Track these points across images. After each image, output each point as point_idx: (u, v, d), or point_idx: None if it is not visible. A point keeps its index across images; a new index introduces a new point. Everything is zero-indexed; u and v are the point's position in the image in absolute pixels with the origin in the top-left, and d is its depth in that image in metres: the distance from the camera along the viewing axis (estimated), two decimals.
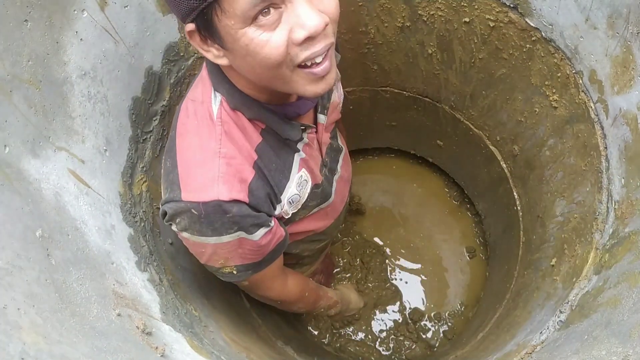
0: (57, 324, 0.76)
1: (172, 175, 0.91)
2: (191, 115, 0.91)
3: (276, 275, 1.15)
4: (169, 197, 0.92)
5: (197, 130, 0.90)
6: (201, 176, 0.88)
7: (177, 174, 0.90)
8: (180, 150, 0.91)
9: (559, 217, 1.52)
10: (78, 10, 0.99)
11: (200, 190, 0.88)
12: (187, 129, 0.91)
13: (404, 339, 2.35)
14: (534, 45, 1.35)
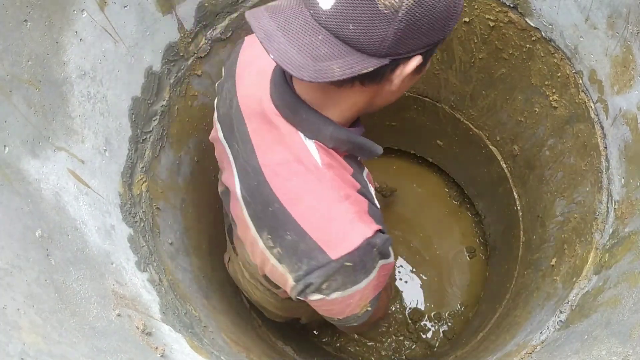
0: (57, 324, 0.76)
1: (303, 245, 0.86)
2: (292, 179, 0.86)
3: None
4: (311, 266, 0.86)
5: (309, 188, 0.85)
6: (339, 227, 0.85)
7: (312, 240, 0.85)
8: (301, 216, 0.85)
9: (559, 217, 1.52)
10: (78, 10, 0.99)
11: (346, 240, 0.84)
12: (296, 194, 0.86)
13: (404, 339, 2.35)
14: (533, 45, 1.35)
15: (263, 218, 0.90)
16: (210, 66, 1.47)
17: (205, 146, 1.58)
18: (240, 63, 0.99)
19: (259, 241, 0.93)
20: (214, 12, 1.38)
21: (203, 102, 1.51)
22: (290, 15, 0.74)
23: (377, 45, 0.72)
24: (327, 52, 0.72)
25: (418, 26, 0.72)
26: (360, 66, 0.73)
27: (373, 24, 0.70)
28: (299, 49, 0.72)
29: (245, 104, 0.94)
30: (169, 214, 1.35)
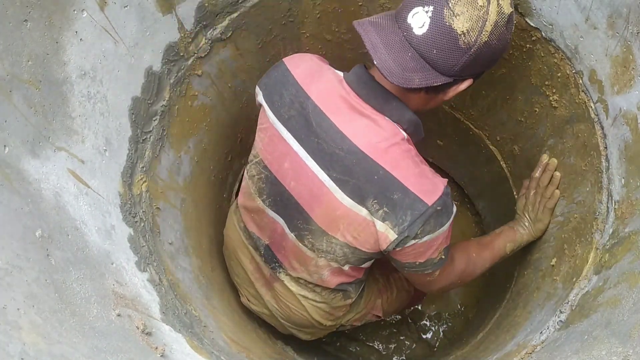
0: (57, 324, 0.76)
1: (407, 199, 1.09)
2: (389, 150, 1.10)
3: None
4: (414, 215, 1.09)
5: (403, 156, 1.11)
6: (429, 180, 1.11)
7: (413, 193, 1.09)
8: (403, 176, 1.09)
9: (559, 217, 1.52)
10: (78, 10, 0.99)
11: (435, 188, 1.10)
12: (395, 160, 1.10)
13: (404, 339, 2.35)
14: (533, 45, 1.35)
15: (367, 188, 1.11)
16: (211, 66, 1.47)
17: (205, 146, 1.58)
18: (299, 75, 1.20)
19: (361, 210, 1.13)
20: (214, 12, 1.38)
21: (203, 102, 1.51)
22: (389, 32, 1.03)
23: (449, 68, 1.02)
24: (413, 66, 1.02)
25: (481, 59, 1.03)
26: (433, 80, 1.03)
27: (451, 53, 1.00)
28: (394, 60, 1.01)
29: (324, 102, 1.14)
30: (169, 214, 1.36)
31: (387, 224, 1.11)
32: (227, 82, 1.59)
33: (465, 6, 0.97)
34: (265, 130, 1.25)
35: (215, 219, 1.73)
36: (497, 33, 1.00)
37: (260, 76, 1.69)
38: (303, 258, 1.32)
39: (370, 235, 1.15)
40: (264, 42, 1.58)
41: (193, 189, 1.52)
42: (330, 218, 1.19)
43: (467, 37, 0.98)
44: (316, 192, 1.17)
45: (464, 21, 0.97)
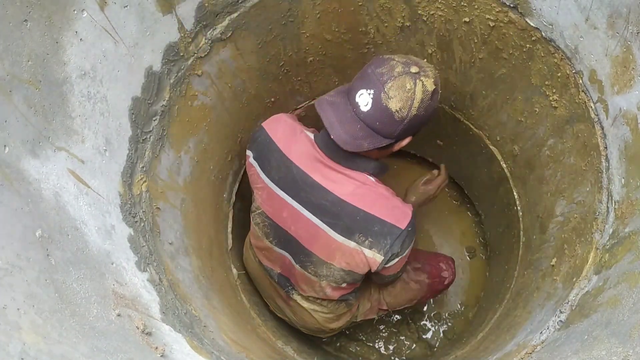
0: (57, 324, 0.76)
1: (385, 228, 1.38)
2: (365, 194, 1.40)
3: None
4: (392, 238, 1.39)
5: (375, 196, 1.41)
6: (400, 210, 1.41)
7: (389, 223, 1.38)
8: (379, 212, 1.38)
9: (559, 217, 1.52)
10: (78, 10, 0.99)
11: (405, 215, 1.40)
12: (371, 201, 1.40)
13: (404, 339, 2.35)
14: (534, 45, 1.35)
15: (353, 226, 1.39)
16: (210, 66, 1.47)
17: (205, 146, 1.58)
18: (280, 141, 1.47)
19: (350, 243, 1.41)
20: (214, 12, 1.38)
21: (203, 102, 1.51)
22: (342, 110, 1.34)
23: (390, 133, 1.33)
24: (362, 134, 1.32)
25: (414, 125, 1.33)
26: (379, 143, 1.34)
27: (390, 124, 1.31)
28: (346, 133, 1.32)
29: (304, 165, 1.43)
30: (169, 213, 1.36)
31: (373, 250, 1.40)
32: (227, 82, 1.59)
33: (397, 90, 1.27)
34: (262, 189, 1.52)
35: (215, 218, 1.73)
36: (423, 106, 1.30)
37: (260, 76, 1.70)
38: (309, 281, 1.60)
39: (361, 261, 1.44)
40: (264, 42, 1.58)
41: (193, 189, 1.52)
42: (327, 251, 1.47)
43: (400, 113, 1.29)
44: (313, 232, 1.46)
45: (397, 102, 1.27)
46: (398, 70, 1.28)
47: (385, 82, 1.27)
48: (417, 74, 1.29)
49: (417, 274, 1.94)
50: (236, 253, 1.87)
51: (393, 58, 1.32)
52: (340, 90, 1.41)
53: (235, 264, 1.82)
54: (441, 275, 1.97)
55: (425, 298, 2.02)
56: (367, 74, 1.31)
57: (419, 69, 1.30)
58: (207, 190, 1.65)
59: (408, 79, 1.27)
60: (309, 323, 1.80)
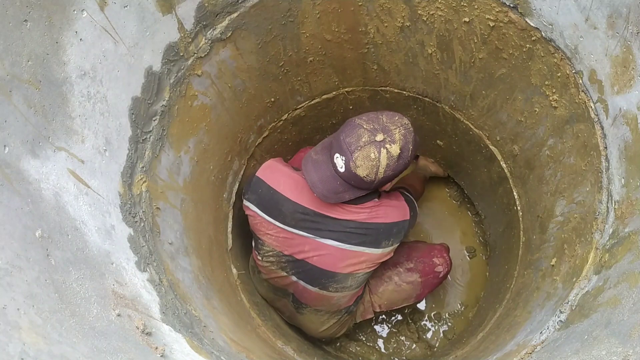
0: (57, 324, 0.76)
1: (400, 226, 1.68)
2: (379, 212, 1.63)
3: None
4: (405, 228, 1.68)
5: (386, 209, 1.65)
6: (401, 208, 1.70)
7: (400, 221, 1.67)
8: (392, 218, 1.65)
9: (559, 217, 1.52)
10: (78, 10, 0.99)
11: (404, 208, 1.70)
12: (385, 214, 1.64)
13: (404, 339, 2.35)
14: (533, 45, 1.35)
15: (379, 238, 1.62)
16: (210, 66, 1.47)
17: (205, 146, 1.58)
18: (286, 192, 1.61)
19: (377, 251, 1.63)
20: (213, 12, 1.38)
21: (203, 102, 1.51)
22: (324, 168, 1.52)
23: (366, 188, 1.52)
24: (342, 189, 1.51)
25: (387, 180, 1.51)
26: (358, 194, 1.54)
27: (363, 184, 1.49)
28: (328, 190, 1.51)
29: (320, 207, 1.58)
30: (169, 214, 1.36)
31: (394, 245, 1.67)
32: (227, 82, 1.59)
33: (363, 160, 1.43)
34: (274, 235, 1.65)
35: (215, 218, 1.73)
36: (390, 168, 1.45)
37: (260, 76, 1.70)
38: (326, 299, 1.76)
39: (385, 256, 1.67)
40: (264, 42, 1.58)
41: (193, 189, 1.52)
42: (355, 264, 1.65)
43: (368, 177, 1.45)
44: (339, 256, 1.63)
45: (363, 170, 1.44)
46: (364, 140, 1.43)
47: (352, 152, 1.43)
48: (382, 141, 1.42)
49: (409, 275, 2.01)
50: (236, 253, 1.87)
51: (362, 125, 1.45)
52: (325, 145, 1.59)
53: (235, 263, 1.82)
54: (435, 270, 2.02)
55: (422, 294, 2.07)
56: (340, 141, 1.47)
57: (385, 135, 1.43)
58: (207, 190, 1.65)
59: (372, 148, 1.42)
60: (318, 332, 1.98)
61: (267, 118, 1.93)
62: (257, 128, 1.91)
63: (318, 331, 1.97)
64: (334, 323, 1.93)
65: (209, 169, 1.65)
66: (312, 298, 1.78)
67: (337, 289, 1.71)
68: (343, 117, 2.15)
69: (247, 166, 1.93)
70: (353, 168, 1.44)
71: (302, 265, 1.67)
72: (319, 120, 2.12)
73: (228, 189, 1.85)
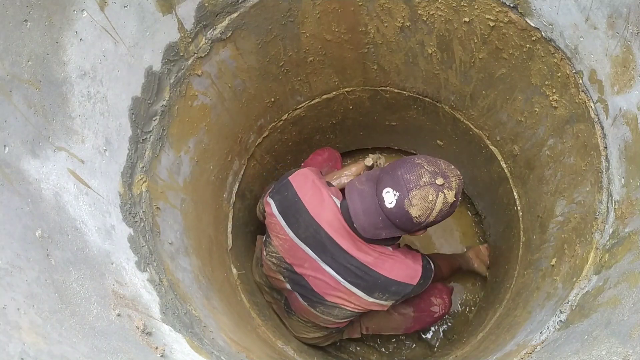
0: (57, 324, 0.76)
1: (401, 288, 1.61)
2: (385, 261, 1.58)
3: None
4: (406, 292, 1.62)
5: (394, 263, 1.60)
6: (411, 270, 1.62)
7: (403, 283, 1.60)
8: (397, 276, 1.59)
9: (559, 217, 1.52)
10: (78, 10, 0.99)
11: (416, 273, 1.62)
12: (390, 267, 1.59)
13: (404, 339, 2.35)
14: (534, 45, 1.35)
15: (374, 288, 1.58)
16: (210, 66, 1.47)
17: (205, 146, 1.58)
18: (309, 204, 1.57)
19: (369, 298, 1.60)
20: (214, 12, 1.38)
21: (203, 102, 1.51)
22: (368, 201, 1.44)
23: (407, 230, 1.47)
24: (382, 225, 1.45)
25: (430, 225, 1.45)
26: (395, 234, 1.48)
27: (408, 224, 1.42)
28: (369, 224, 1.45)
29: (333, 232, 1.55)
30: (169, 213, 1.36)
31: (389, 301, 1.62)
32: (227, 82, 1.59)
33: (420, 200, 1.37)
34: (284, 240, 1.63)
35: (215, 218, 1.73)
36: (442, 215, 1.42)
37: (260, 76, 1.70)
38: (313, 315, 1.76)
39: (376, 306, 1.64)
40: (264, 42, 1.58)
41: (193, 189, 1.52)
42: (343, 299, 1.64)
43: (419, 218, 1.40)
44: (333, 285, 1.61)
45: (417, 210, 1.38)
46: (424, 180, 1.38)
47: (410, 190, 1.38)
48: (442, 186, 1.39)
49: (403, 307, 2.01)
50: (236, 253, 1.87)
51: (423, 165, 1.41)
52: (370, 177, 1.52)
53: (235, 264, 1.82)
54: (430, 309, 2.02)
55: (412, 329, 2.08)
56: (396, 176, 1.41)
57: (444, 180, 1.39)
58: (207, 190, 1.65)
59: (432, 190, 1.38)
60: (302, 337, 1.99)
61: (267, 118, 1.93)
62: (257, 128, 1.91)
63: (302, 337, 1.98)
64: (318, 336, 1.94)
65: (209, 169, 1.65)
66: (301, 309, 1.78)
67: (324, 312, 1.71)
68: (343, 117, 2.15)
69: (247, 166, 1.93)
70: (407, 206, 1.38)
71: (298, 279, 1.67)
72: (319, 120, 2.12)
73: (228, 189, 1.85)
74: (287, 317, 1.95)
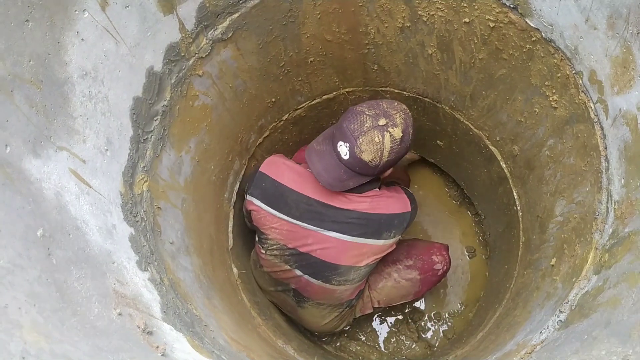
0: (58, 323, 0.76)
1: (401, 218, 1.71)
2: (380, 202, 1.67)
3: None
4: (407, 221, 1.73)
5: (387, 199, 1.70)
6: (402, 201, 1.73)
7: (401, 213, 1.70)
8: (393, 209, 1.68)
9: (558, 217, 1.52)
10: (79, 10, 0.99)
11: (405, 201, 1.73)
12: (386, 205, 1.68)
13: (404, 339, 2.35)
14: (533, 45, 1.35)
15: (380, 229, 1.65)
16: (211, 66, 1.47)
17: (206, 146, 1.59)
18: (290, 183, 1.65)
19: (379, 242, 1.66)
20: (215, 13, 1.38)
21: (204, 102, 1.51)
22: (327, 158, 1.56)
23: (370, 174, 1.57)
24: (347, 177, 1.56)
25: (390, 164, 1.55)
26: (362, 181, 1.58)
27: (367, 169, 1.53)
28: (333, 178, 1.56)
29: (323, 197, 1.62)
30: (170, 213, 1.36)
31: (397, 236, 1.69)
32: (228, 82, 1.59)
33: (368, 145, 1.48)
34: (280, 227, 1.68)
35: (216, 218, 1.73)
36: (394, 152, 1.50)
37: (261, 76, 1.70)
38: (328, 292, 1.78)
39: (387, 247, 1.70)
40: (265, 42, 1.58)
41: (194, 189, 1.52)
42: (357, 256, 1.67)
43: (373, 162, 1.49)
44: (341, 248, 1.65)
45: (368, 154, 1.49)
46: (367, 125, 1.48)
47: (357, 138, 1.48)
48: (385, 126, 1.47)
49: (409, 272, 2.03)
50: (237, 252, 1.88)
51: (364, 112, 1.50)
52: (326, 136, 1.64)
53: (236, 263, 1.83)
54: (434, 268, 2.04)
55: (421, 292, 2.09)
56: (343, 128, 1.52)
57: (387, 119, 1.48)
58: (208, 190, 1.66)
59: (377, 132, 1.47)
60: (319, 327, 2.00)
61: (267, 118, 1.93)
62: (257, 128, 1.91)
63: (319, 325, 1.98)
64: (335, 317, 1.95)
65: (210, 169, 1.65)
66: (314, 291, 1.80)
67: (340, 282, 1.73)
68: None
69: (247, 166, 1.94)
70: (358, 153, 1.48)
71: (305, 258, 1.69)
72: (319, 121, 2.13)
73: (229, 189, 1.85)
74: (298, 309, 1.95)
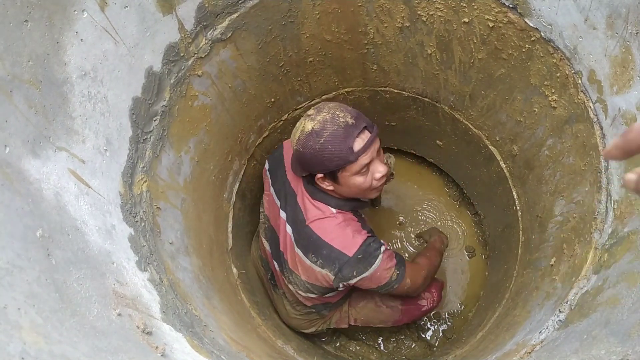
0: (58, 324, 0.76)
1: (333, 254, 1.53)
2: (323, 222, 1.57)
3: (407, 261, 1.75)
4: (341, 264, 1.53)
5: (331, 226, 1.56)
6: (349, 239, 1.53)
7: (337, 249, 1.52)
8: (330, 239, 1.54)
9: (558, 216, 1.52)
10: (78, 10, 0.99)
11: (354, 243, 1.52)
12: (325, 229, 1.55)
13: (404, 339, 2.35)
14: (533, 45, 1.35)
15: (308, 246, 1.58)
16: (211, 66, 1.47)
17: (206, 146, 1.59)
18: (287, 160, 1.70)
19: (306, 260, 1.59)
20: (214, 13, 1.38)
21: (203, 102, 1.51)
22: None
23: (299, 161, 1.52)
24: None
25: (304, 160, 1.46)
26: (301, 171, 1.55)
27: (295, 153, 1.51)
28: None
29: (294, 184, 1.65)
30: (170, 213, 1.36)
31: (325, 270, 1.57)
32: (227, 83, 1.59)
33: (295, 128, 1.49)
34: (268, 196, 1.76)
35: (216, 218, 1.73)
36: (301, 143, 1.44)
37: (260, 76, 1.70)
38: (284, 283, 1.81)
39: (315, 275, 1.61)
40: (264, 42, 1.58)
41: (193, 189, 1.52)
42: (293, 261, 1.67)
43: (294, 146, 1.47)
44: (288, 243, 1.67)
45: (292, 136, 1.49)
46: (307, 112, 1.49)
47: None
48: (308, 115, 1.46)
49: (391, 299, 2.00)
50: (236, 253, 1.88)
51: (327, 104, 1.50)
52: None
53: (236, 263, 1.83)
54: (418, 303, 2.01)
55: (400, 322, 2.07)
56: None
57: (314, 112, 1.45)
58: (208, 190, 1.66)
59: (302, 119, 1.48)
60: (285, 317, 2.02)
61: (267, 118, 1.93)
62: (257, 128, 1.91)
63: (285, 316, 2.01)
64: (300, 316, 1.96)
65: (210, 169, 1.65)
66: (277, 276, 1.86)
67: (291, 281, 1.74)
68: None
69: (247, 166, 1.94)
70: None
71: (275, 238, 1.75)
72: None
73: (228, 189, 1.85)
74: (274, 295, 2.00)
